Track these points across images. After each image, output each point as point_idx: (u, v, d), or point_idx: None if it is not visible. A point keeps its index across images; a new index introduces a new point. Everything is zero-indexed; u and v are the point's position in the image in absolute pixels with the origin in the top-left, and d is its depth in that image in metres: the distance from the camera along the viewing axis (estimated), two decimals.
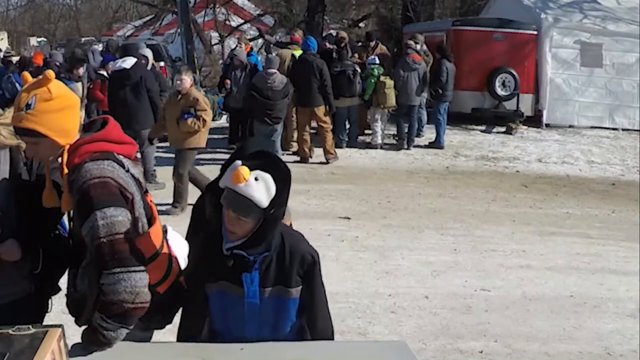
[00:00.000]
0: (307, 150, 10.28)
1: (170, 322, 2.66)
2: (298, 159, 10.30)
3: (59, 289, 2.78)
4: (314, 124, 10.37)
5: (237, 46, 12.06)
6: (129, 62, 8.51)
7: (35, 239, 2.64)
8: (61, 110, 2.35)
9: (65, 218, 2.67)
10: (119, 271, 2.21)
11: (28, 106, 2.30)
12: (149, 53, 9.47)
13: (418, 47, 11.58)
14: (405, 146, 11.37)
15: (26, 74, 2.42)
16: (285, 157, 10.14)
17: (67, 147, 2.35)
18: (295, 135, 10.55)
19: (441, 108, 11.44)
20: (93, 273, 2.29)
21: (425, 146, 11.58)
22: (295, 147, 10.63)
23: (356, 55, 11.67)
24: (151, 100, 8.45)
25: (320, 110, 10.05)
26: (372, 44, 12.17)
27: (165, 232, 2.59)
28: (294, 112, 10.36)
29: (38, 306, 2.75)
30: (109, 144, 2.37)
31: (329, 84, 9.95)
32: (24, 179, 2.67)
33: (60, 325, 2.08)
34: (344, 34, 12.07)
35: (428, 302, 5.31)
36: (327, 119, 10.22)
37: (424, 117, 11.96)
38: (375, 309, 5.15)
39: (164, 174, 8.57)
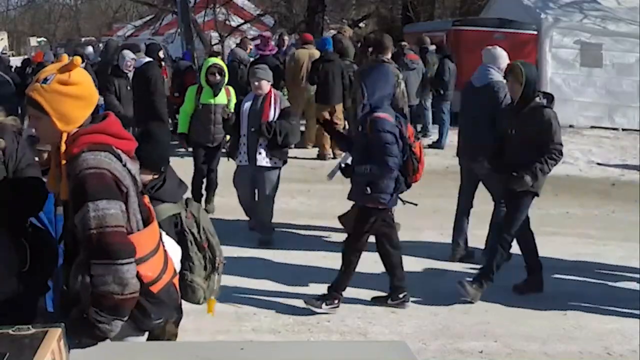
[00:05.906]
0: (327, 147, 10.33)
1: (163, 325, 2.66)
2: (315, 155, 10.43)
3: (48, 288, 2.78)
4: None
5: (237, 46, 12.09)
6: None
7: (19, 231, 2.65)
8: (73, 97, 2.36)
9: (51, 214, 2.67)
10: (106, 263, 2.24)
11: (45, 80, 2.34)
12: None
13: (431, 47, 11.65)
14: None
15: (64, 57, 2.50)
16: (303, 154, 10.39)
17: (65, 136, 2.36)
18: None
19: (444, 108, 11.43)
20: (87, 268, 2.30)
21: (426, 146, 11.56)
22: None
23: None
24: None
25: (339, 108, 10.15)
26: (369, 50, 12.10)
27: (160, 235, 2.59)
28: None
29: (28, 306, 2.74)
30: (107, 137, 2.38)
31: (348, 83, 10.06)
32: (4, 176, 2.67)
33: (60, 325, 2.08)
34: (347, 30, 12.00)
35: (428, 302, 5.30)
36: (342, 117, 10.28)
37: (429, 117, 11.95)
38: (375, 309, 5.15)
39: None
